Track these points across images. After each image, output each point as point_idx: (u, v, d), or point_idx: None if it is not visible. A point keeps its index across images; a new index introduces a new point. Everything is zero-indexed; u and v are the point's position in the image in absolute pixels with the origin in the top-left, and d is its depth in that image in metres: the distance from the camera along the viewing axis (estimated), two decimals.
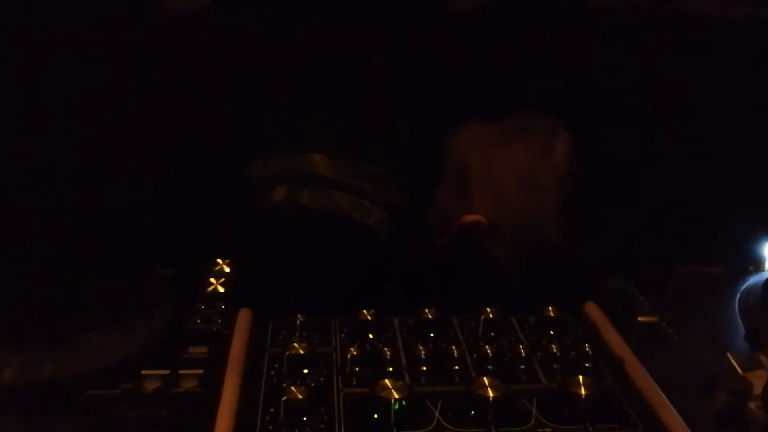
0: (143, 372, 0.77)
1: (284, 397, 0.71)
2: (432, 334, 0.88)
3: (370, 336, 0.87)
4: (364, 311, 0.88)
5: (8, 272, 0.90)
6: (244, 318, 0.89)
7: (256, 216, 1.16)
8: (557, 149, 1.15)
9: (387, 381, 0.73)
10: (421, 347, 0.82)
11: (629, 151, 1.24)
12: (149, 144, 1.15)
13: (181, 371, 0.77)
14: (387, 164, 1.19)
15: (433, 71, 1.23)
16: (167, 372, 0.77)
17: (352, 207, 1.16)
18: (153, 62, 1.15)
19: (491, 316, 0.89)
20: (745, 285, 1.04)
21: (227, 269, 1.01)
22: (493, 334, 0.88)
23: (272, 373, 0.79)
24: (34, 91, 1.11)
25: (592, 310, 0.95)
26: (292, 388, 0.72)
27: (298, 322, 0.87)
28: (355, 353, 0.80)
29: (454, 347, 0.83)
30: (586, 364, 0.83)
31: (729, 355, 0.81)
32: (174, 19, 1.20)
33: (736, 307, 0.99)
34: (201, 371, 0.78)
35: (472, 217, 1.13)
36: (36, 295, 0.86)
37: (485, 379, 0.74)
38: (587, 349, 0.84)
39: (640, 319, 0.94)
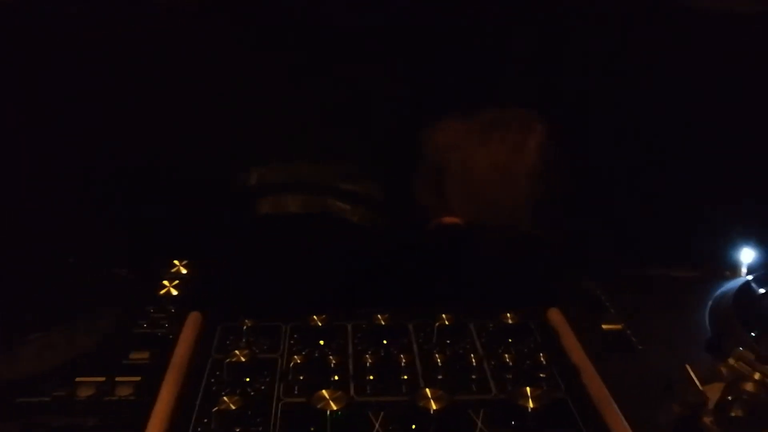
0: (78, 379, 0.74)
1: (216, 408, 0.69)
2: (385, 341, 0.85)
3: (321, 342, 0.84)
4: (315, 316, 0.85)
5: None
6: (192, 322, 0.87)
7: (240, 225, 1.14)
8: (531, 143, 1.13)
9: (325, 392, 0.70)
10: (368, 355, 0.80)
11: (606, 149, 1.20)
12: (118, 143, 1.13)
13: (118, 378, 0.75)
14: (365, 163, 1.17)
15: (410, 67, 1.20)
16: (103, 379, 0.75)
17: (336, 209, 1.14)
18: (139, 65, 1.12)
19: (447, 322, 0.86)
20: (719, 291, 1.00)
21: (184, 270, 0.99)
22: (448, 341, 0.86)
23: (212, 380, 0.77)
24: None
25: (555, 316, 0.92)
26: (225, 398, 0.70)
27: (245, 327, 0.85)
28: (298, 361, 0.78)
29: (402, 355, 0.80)
30: (541, 374, 0.80)
31: (688, 366, 0.77)
32: (160, 22, 1.18)
33: (707, 314, 0.95)
34: (138, 378, 0.75)
35: (449, 219, 1.11)
36: None
37: (428, 390, 0.71)
38: (542, 359, 0.81)
39: (604, 326, 0.91)
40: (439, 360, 0.80)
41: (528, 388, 0.72)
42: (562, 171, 1.13)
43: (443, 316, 0.87)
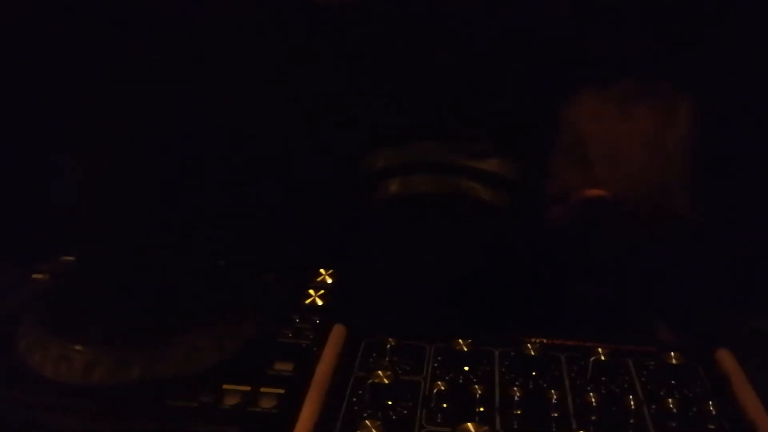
0: (224, 386, 0.75)
1: (357, 431, 0.67)
2: (534, 372, 0.80)
3: (465, 368, 0.80)
4: (460, 340, 0.82)
5: (103, 273, 0.92)
6: (337, 335, 0.86)
7: (371, 213, 1.13)
8: (681, 114, 1.04)
9: (470, 425, 0.66)
10: (516, 388, 0.75)
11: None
12: (254, 147, 1.15)
13: (263, 389, 0.75)
14: (496, 140, 1.12)
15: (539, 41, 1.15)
16: (248, 388, 0.75)
17: (467, 188, 1.10)
18: (252, 53, 1.14)
19: (603, 357, 0.80)
20: None
21: (329, 280, 0.98)
22: (603, 378, 0.79)
23: (354, 399, 0.75)
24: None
25: (726, 358, 0.83)
26: (368, 422, 0.67)
27: (389, 345, 0.82)
28: (442, 388, 0.74)
29: (553, 391, 0.75)
30: (710, 426, 0.72)
31: None
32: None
33: None
34: (282, 390, 0.75)
35: (595, 192, 1.04)
36: (130, 295, 0.86)
37: None
38: (711, 408, 0.73)
39: None
40: (594, 399, 0.74)
41: None
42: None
43: (599, 350, 0.81)
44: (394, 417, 0.72)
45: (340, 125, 1.14)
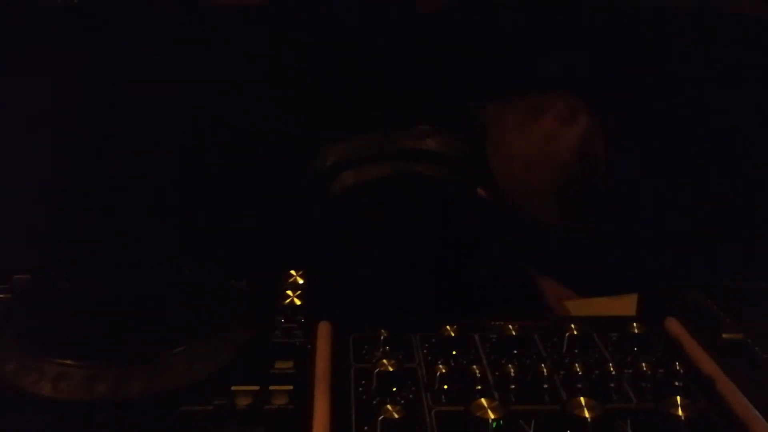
0: (233, 388, 0.76)
1: (381, 416, 0.70)
2: (515, 351, 0.87)
3: (454, 352, 0.86)
4: (447, 327, 0.87)
5: (101, 288, 0.91)
6: (324, 331, 0.89)
7: (328, 208, 1.17)
8: (570, 133, 1.15)
9: (483, 400, 0.72)
10: (508, 365, 0.81)
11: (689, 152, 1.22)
12: (208, 154, 1.16)
13: (271, 387, 0.77)
14: (435, 122, 1.19)
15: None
16: (257, 388, 0.77)
17: (417, 170, 1.16)
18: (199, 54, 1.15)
19: (575, 332, 0.88)
20: None
21: (301, 281, 1.01)
22: (576, 350, 0.87)
23: (360, 389, 0.79)
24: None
25: (674, 325, 0.93)
26: (388, 406, 0.71)
27: (381, 337, 0.86)
28: (443, 370, 0.80)
29: (541, 364, 0.82)
30: (677, 383, 0.81)
31: None
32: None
33: None
34: (291, 387, 0.77)
35: (480, 191, 1.14)
36: (127, 310, 0.86)
37: (581, 398, 0.73)
38: (677, 367, 0.82)
39: (724, 336, 0.92)
40: (579, 369, 0.81)
41: (677, 397, 0.74)
42: (607, 168, 1.14)
43: (571, 326, 0.88)
44: (403, 402, 0.76)
45: (287, 125, 1.17)
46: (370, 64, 1.23)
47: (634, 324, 0.89)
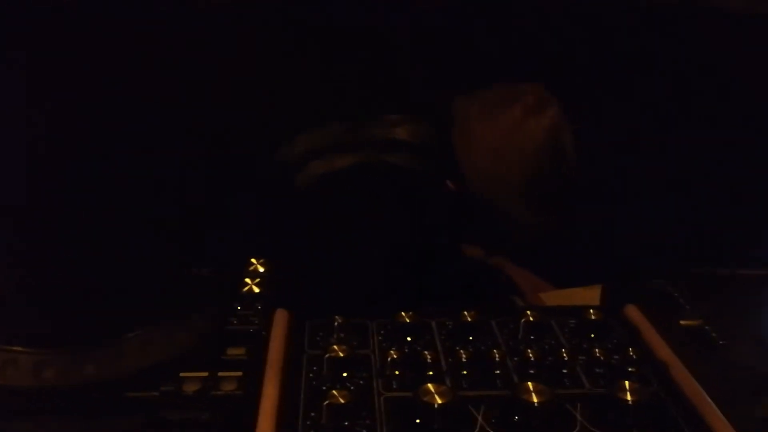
0: (182, 374, 0.76)
1: (326, 401, 0.70)
2: (471, 337, 0.86)
3: (408, 339, 0.86)
4: (402, 313, 0.87)
5: (49, 273, 0.91)
6: (281, 319, 0.89)
7: (294, 200, 1.16)
8: (537, 123, 1.14)
9: (430, 385, 0.72)
10: (461, 350, 0.81)
11: (663, 142, 1.22)
12: (174, 139, 1.15)
13: (220, 373, 0.77)
14: (404, 111, 1.19)
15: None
16: (206, 374, 0.77)
17: (385, 159, 1.15)
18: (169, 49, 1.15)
19: (531, 318, 0.88)
20: None
21: (261, 269, 1.01)
22: (533, 337, 0.87)
23: (311, 375, 0.79)
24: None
25: (633, 312, 0.93)
26: (334, 391, 0.71)
27: (336, 323, 0.86)
28: (395, 356, 0.79)
29: (495, 350, 0.81)
30: (630, 369, 0.81)
31: None
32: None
33: None
34: (240, 373, 0.77)
35: (448, 183, 1.13)
36: (77, 296, 0.85)
37: (530, 383, 0.73)
38: (631, 353, 0.82)
39: (682, 322, 0.92)
40: (531, 355, 0.81)
41: (626, 382, 0.74)
42: (576, 159, 1.13)
43: (528, 312, 0.88)
44: (353, 387, 0.76)
45: (256, 115, 1.17)
46: (339, 54, 1.23)
47: (591, 311, 0.89)
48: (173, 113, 1.16)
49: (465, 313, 0.88)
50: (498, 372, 0.80)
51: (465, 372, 0.80)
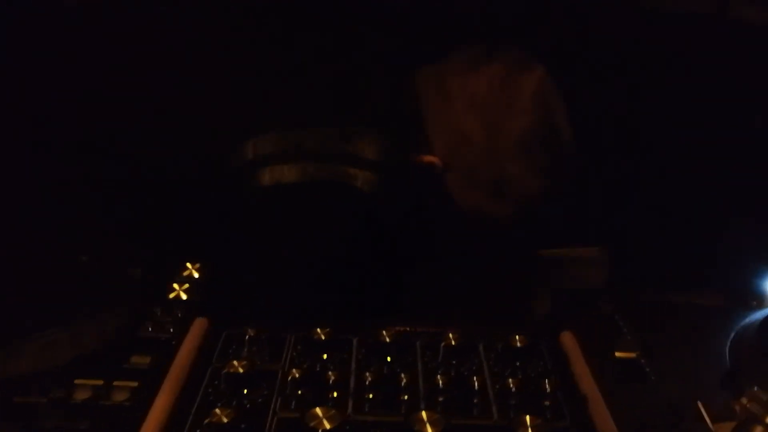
0: (76, 381, 0.74)
1: (207, 420, 0.68)
2: (389, 358, 0.83)
3: (324, 356, 0.83)
4: (319, 329, 0.84)
5: None
6: (197, 328, 0.86)
7: (241, 205, 1.13)
8: (527, 81, 1.05)
9: (319, 409, 0.69)
10: (369, 372, 0.78)
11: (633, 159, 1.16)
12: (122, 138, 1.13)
13: (116, 382, 0.75)
14: (367, 122, 1.14)
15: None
16: (101, 382, 0.75)
17: (337, 173, 1.11)
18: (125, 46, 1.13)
19: (453, 342, 0.84)
20: (743, 321, 0.96)
21: (196, 274, 0.99)
22: (454, 361, 0.84)
23: (210, 390, 0.76)
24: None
25: (568, 340, 0.89)
26: (217, 410, 0.69)
27: (247, 336, 0.84)
28: (296, 375, 0.77)
29: (404, 374, 0.78)
30: (546, 402, 0.78)
31: (699, 403, 0.74)
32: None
33: (728, 345, 0.92)
34: (136, 383, 0.75)
35: (427, 158, 1.07)
36: None
37: (424, 413, 0.70)
38: (546, 386, 0.78)
39: (617, 354, 0.88)
40: (441, 381, 0.78)
41: (528, 417, 0.70)
42: (570, 129, 1.06)
43: (450, 335, 0.85)
44: (248, 405, 0.74)
45: (208, 116, 1.14)
46: (294, 56, 1.19)
47: (517, 336, 0.85)
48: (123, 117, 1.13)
49: (384, 332, 0.84)
50: (406, 398, 0.77)
51: (371, 395, 0.77)
